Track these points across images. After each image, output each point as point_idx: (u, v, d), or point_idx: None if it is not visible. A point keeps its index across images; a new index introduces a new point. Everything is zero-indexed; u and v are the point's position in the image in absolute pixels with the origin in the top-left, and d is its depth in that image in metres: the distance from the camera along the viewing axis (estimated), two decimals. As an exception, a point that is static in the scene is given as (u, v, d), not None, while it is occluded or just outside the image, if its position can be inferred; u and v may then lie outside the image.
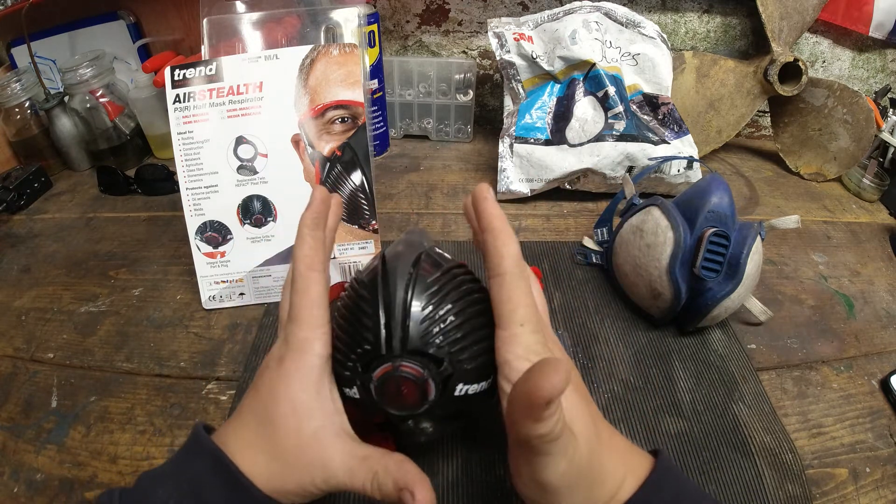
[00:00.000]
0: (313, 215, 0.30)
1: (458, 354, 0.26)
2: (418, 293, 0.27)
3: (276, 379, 0.27)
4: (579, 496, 0.25)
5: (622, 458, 0.27)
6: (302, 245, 0.29)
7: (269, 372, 0.28)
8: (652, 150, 0.62)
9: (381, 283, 0.27)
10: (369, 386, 0.27)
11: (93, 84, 0.69)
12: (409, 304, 0.26)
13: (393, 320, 0.26)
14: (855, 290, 0.55)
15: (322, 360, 0.28)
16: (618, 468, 0.26)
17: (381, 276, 0.28)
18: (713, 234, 0.42)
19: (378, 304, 0.27)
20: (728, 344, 0.47)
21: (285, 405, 0.27)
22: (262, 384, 0.28)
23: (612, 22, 0.66)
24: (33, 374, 0.44)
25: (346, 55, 0.48)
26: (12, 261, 0.57)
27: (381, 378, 0.26)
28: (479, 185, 0.28)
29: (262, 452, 0.26)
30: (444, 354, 0.26)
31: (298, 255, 0.29)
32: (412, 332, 0.26)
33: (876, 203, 0.70)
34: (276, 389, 0.27)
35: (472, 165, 0.75)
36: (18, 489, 0.36)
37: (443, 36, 0.79)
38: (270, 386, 0.28)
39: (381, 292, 0.27)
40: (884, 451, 0.39)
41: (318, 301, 0.28)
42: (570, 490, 0.25)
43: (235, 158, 0.48)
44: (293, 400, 0.27)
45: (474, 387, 0.28)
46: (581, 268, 0.56)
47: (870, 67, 0.80)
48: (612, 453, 0.27)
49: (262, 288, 0.51)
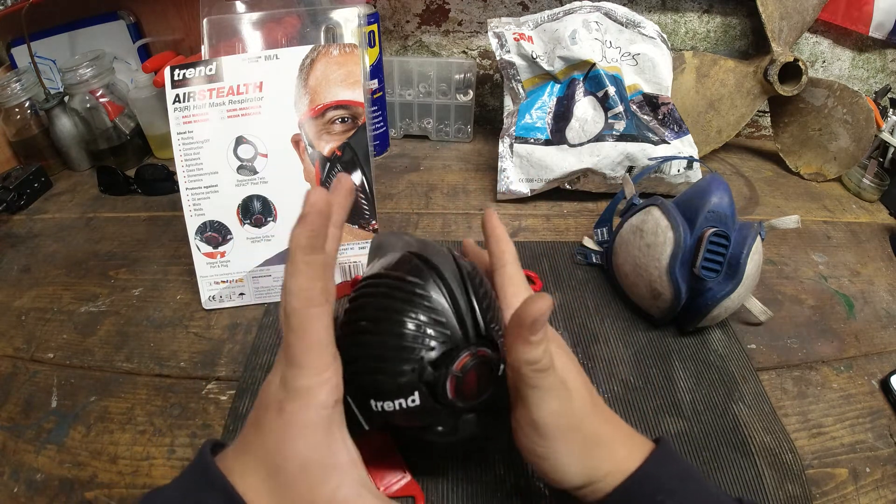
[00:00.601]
0: (309, 234, 0.23)
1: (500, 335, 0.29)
2: (470, 284, 0.28)
3: (279, 430, 0.24)
4: (574, 450, 0.27)
5: (623, 435, 0.29)
6: (296, 275, 0.23)
7: (271, 416, 0.25)
8: (652, 150, 0.62)
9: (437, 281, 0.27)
10: (443, 383, 0.26)
11: (93, 84, 0.69)
12: (470, 296, 0.27)
13: (463, 313, 0.27)
14: (855, 290, 0.55)
15: (328, 410, 0.24)
16: (616, 439, 0.28)
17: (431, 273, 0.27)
18: (713, 234, 0.42)
19: (444, 300, 0.26)
20: (728, 344, 0.47)
21: (294, 464, 0.24)
22: (265, 427, 0.25)
23: (612, 22, 0.66)
24: (33, 374, 0.44)
25: (346, 55, 0.48)
26: (12, 261, 0.57)
27: (462, 368, 0.26)
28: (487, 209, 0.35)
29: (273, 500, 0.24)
30: (498, 338, 0.28)
31: (292, 288, 0.23)
32: (480, 320, 0.27)
33: (876, 203, 0.70)
34: (281, 442, 0.24)
35: (472, 165, 0.75)
36: (18, 489, 0.36)
37: (443, 36, 0.79)
38: (275, 435, 0.24)
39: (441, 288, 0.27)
40: (884, 451, 0.39)
41: (320, 342, 0.24)
42: (563, 437, 0.27)
43: (235, 158, 0.48)
44: (303, 461, 0.24)
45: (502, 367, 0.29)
46: (581, 268, 0.56)
47: (870, 67, 0.80)
48: (609, 425, 0.29)
49: (262, 288, 0.51)
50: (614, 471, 0.27)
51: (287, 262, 0.24)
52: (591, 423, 0.28)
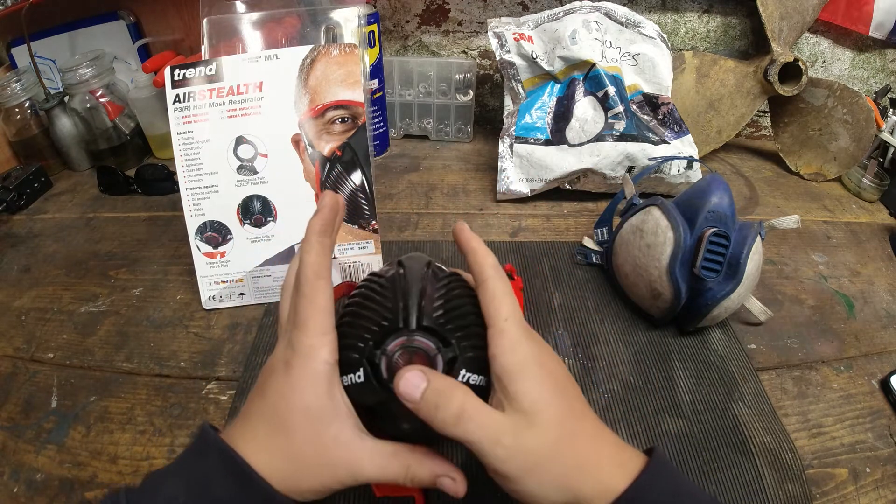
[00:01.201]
0: (322, 221, 0.30)
1: (462, 340, 0.29)
2: (432, 284, 0.30)
3: (285, 385, 0.27)
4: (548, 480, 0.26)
5: (610, 452, 0.27)
6: (310, 251, 0.29)
7: (277, 377, 0.28)
8: (652, 150, 0.62)
9: (400, 276, 0.31)
10: (379, 362, 0.28)
11: (93, 84, 0.69)
12: (424, 291, 0.30)
13: (410, 301, 0.29)
14: (855, 290, 0.55)
15: (329, 367, 0.28)
16: (602, 460, 0.27)
17: (399, 270, 0.31)
18: (713, 234, 0.42)
19: (396, 290, 0.30)
20: (728, 344, 0.47)
21: (298, 413, 0.27)
22: (270, 389, 0.28)
23: (612, 22, 0.66)
24: (33, 374, 0.44)
25: (346, 55, 0.48)
26: (12, 261, 0.57)
27: (395, 350, 0.28)
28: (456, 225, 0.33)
29: (277, 456, 0.27)
30: (451, 337, 0.28)
31: (306, 260, 0.29)
32: (426, 311, 0.29)
33: (876, 203, 0.70)
34: (287, 396, 0.27)
35: (472, 165, 0.75)
36: (18, 489, 0.36)
37: (443, 36, 0.79)
38: (280, 392, 0.27)
39: (399, 282, 0.30)
40: (884, 451, 0.39)
41: (324, 308, 0.28)
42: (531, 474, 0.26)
43: (235, 158, 0.48)
44: (307, 408, 0.27)
45: (475, 378, 0.29)
46: (581, 268, 0.56)
47: (870, 67, 0.80)
48: (594, 445, 0.28)
49: (262, 288, 0.51)
50: (600, 492, 0.26)
51: (303, 242, 0.29)
52: (569, 452, 0.26)
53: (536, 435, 0.26)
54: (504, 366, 0.27)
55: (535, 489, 0.26)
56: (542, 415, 0.26)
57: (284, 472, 0.26)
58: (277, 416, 0.27)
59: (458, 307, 0.30)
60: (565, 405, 0.28)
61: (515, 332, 0.28)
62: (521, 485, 0.26)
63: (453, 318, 0.29)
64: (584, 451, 0.27)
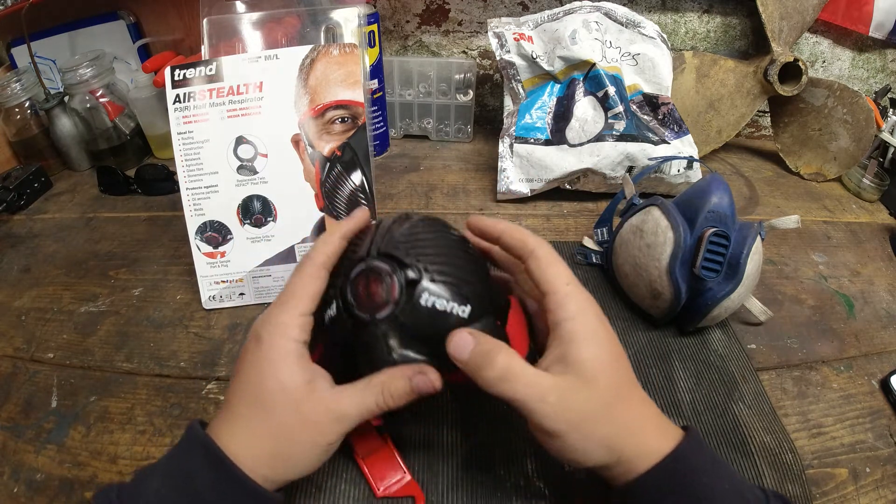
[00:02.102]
0: (350, 228, 0.33)
1: (426, 263, 0.30)
2: (400, 224, 0.32)
3: (257, 360, 0.29)
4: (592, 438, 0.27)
5: (655, 420, 0.29)
6: (327, 244, 0.31)
7: (248, 354, 0.29)
8: (652, 150, 0.62)
9: (380, 223, 0.33)
10: (346, 291, 0.30)
11: (93, 84, 0.69)
12: (391, 228, 0.32)
13: (377, 237, 0.31)
14: (855, 290, 0.55)
15: (298, 344, 0.29)
16: (648, 425, 0.29)
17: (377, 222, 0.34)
18: (713, 234, 0.42)
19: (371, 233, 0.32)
20: (728, 344, 0.47)
21: (273, 383, 0.28)
22: (245, 367, 0.29)
23: (612, 22, 0.66)
24: (33, 374, 0.44)
25: (346, 55, 0.48)
26: (12, 261, 0.57)
27: (355, 276, 0.30)
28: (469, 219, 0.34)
29: (260, 438, 0.28)
30: (411, 261, 0.29)
31: (321, 249, 0.31)
32: (387, 241, 0.31)
33: (876, 203, 0.70)
34: (261, 369, 0.29)
35: (472, 165, 0.75)
36: (18, 489, 0.36)
37: (443, 36, 0.79)
38: (254, 366, 0.29)
39: (376, 227, 0.33)
40: (884, 451, 0.39)
41: (311, 296, 0.30)
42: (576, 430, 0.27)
43: (235, 158, 0.48)
44: (281, 379, 0.28)
45: (443, 302, 0.29)
46: (581, 268, 0.56)
47: (870, 67, 0.80)
48: (640, 410, 0.29)
49: (262, 288, 0.51)
50: (643, 454, 0.27)
51: (325, 235, 0.32)
52: (618, 415, 0.28)
53: (589, 397, 0.27)
54: (572, 332, 0.28)
55: (578, 445, 0.27)
56: (599, 380, 0.28)
57: (270, 452, 0.27)
58: (254, 390, 0.28)
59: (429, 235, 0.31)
60: (622, 372, 0.29)
61: (581, 297, 0.29)
62: (564, 440, 0.27)
63: (418, 245, 0.30)
64: (632, 416, 0.28)
